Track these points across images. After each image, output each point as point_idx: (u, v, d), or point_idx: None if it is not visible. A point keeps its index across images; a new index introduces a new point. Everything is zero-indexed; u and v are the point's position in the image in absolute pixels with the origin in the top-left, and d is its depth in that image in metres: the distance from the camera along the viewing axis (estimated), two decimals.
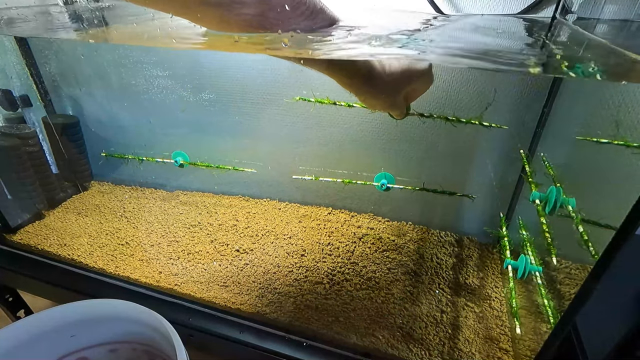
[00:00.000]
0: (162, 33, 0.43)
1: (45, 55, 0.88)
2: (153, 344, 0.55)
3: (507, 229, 0.73)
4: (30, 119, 0.90)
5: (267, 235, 0.82)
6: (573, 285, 0.67)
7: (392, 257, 0.76)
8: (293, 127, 0.83)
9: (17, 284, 0.78)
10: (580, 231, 0.50)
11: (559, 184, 0.55)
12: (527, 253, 0.62)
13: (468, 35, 0.47)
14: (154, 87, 0.85)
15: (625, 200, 0.29)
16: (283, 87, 0.78)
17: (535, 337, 0.57)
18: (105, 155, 0.98)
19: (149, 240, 0.81)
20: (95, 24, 0.53)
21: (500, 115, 0.67)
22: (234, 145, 0.90)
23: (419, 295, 0.68)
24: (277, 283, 0.70)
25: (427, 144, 0.76)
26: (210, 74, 0.81)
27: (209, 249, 0.78)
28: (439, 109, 0.69)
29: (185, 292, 0.68)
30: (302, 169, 0.86)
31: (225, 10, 0.31)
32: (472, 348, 0.58)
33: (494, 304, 0.66)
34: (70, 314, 0.53)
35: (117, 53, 0.84)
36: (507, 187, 0.74)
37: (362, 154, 0.81)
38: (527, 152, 0.68)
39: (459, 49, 0.36)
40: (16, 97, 0.86)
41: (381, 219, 0.88)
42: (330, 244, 0.79)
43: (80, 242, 0.80)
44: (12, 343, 0.50)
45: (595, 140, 0.59)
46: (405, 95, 0.46)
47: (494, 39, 0.45)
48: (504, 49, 0.38)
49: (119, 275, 0.72)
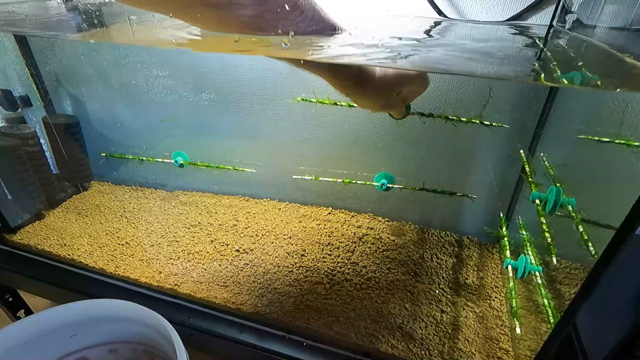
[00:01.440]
0: (161, 32, 0.43)
1: (45, 55, 0.88)
2: (153, 344, 0.55)
3: (507, 229, 0.73)
4: (30, 119, 0.90)
5: (267, 235, 0.82)
6: (573, 285, 0.67)
7: (392, 257, 0.76)
8: (293, 127, 0.83)
9: (17, 284, 0.78)
10: (580, 231, 0.50)
11: (558, 183, 0.55)
12: (527, 253, 0.62)
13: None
14: (154, 86, 0.85)
15: (625, 200, 0.30)
16: (283, 87, 0.78)
17: (535, 337, 0.57)
18: (105, 155, 0.98)
19: (149, 240, 0.81)
20: (95, 22, 0.53)
21: (500, 115, 0.67)
22: (234, 145, 0.90)
23: (419, 295, 0.68)
24: (277, 283, 0.69)
25: (427, 144, 0.76)
26: (210, 74, 0.81)
27: (209, 249, 0.78)
28: (439, 109, 0.69)
29: (185, 292, 0.68)
30: (302, 169, 0.86)
31: (224, 12, 0.31)
32: (472, 348, 0.58)
33: (494, 304, 0.66)
34: (70, 314, 0.53)
35: (117, 53, 0.84)
36: (507, 187, 0.74)
37: (362, 154, 0.81)
38: (527, 152, 0.68)
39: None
40: (16, 97, 0.86)
41: (381, 219, 0.88)
42: (330, 244, 0.79)
43: (80, 242, 0.80)
44: (12, 343, 0.50)
45: (597, 139, 0.59)
46: (403, 97, 0.46)
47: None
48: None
49: (119, 275, 0.72)
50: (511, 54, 0.43)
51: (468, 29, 0.58)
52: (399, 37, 0.45)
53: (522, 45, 0.48)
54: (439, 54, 0.38)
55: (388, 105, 0.47)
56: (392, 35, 0.46)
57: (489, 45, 0.46)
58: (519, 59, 0.41)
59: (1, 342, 0.49)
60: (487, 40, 0.49)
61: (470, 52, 0.40)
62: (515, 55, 0.42)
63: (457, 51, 0.40)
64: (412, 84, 0.44)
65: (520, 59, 0.41)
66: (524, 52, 0.44)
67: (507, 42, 0.51)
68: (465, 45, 0.45)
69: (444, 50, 0.39)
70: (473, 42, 0.47)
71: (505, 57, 0.40)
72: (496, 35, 0.53)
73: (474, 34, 0.54)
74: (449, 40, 0.49)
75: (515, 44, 0.49)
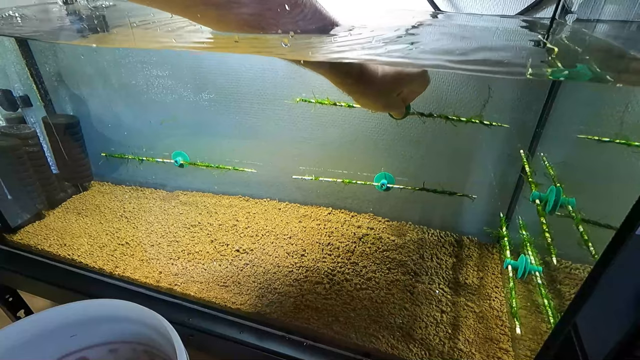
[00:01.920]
0: (162, 32, 0.43)
1: (45, 55, 0.88)
2: (153, 344, 0.55)
3: (507, 229, 0.73)
4: (30, 119, 0.90)
5: (267, 235, 0.82)
6: (573, 285, 0.67)
7: (392, 257, 0.76)
8: (293, 127, 0.83)
9: (17, 284, 0.78)
10: (580, 231, 0.50)
11: (559, 183, 0.55)
12: (527, 253, 0.62)
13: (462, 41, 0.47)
14: (154, 86, 0.85)
15: (625, 200, 0.29)
16: (283, 87, 0.78)
17: (535, 337, 0.57)
18: (105, 155, 0.98)
19: (149, 240, 0.81)
20: (95, 25, 0.53)
21: (500, 115, 0.67)
22: (234, 145, 0.90)
23: (419, 295, 0.68)
24: (277, 283, 0.69)
25: (427, 144, 0.76)
26: (210, 74, 0.81)
27: (209, 249, 0.78)
28: (439, 109, 0.69)
29: (185, 292, 0.68)
30: (302, 169, 0.86)
31: (224, 10, 0.31)
32: (472, 348, 0.58)
33: (494, 304, 0.66)
34: (70, 314, 0.53)
35: (117, 53, 0.84)
36: (507, 187, 0.74)
37: (362, 154, 0.81)
38: (527, 152, 0.68)
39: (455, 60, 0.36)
40: (16, 97, 0.86)
41: (381, 219, 0.88)
42: (330, 244, 0.79)
43: (80, 242, 0.80)
44: (12, 343, 0.50)
45: (597, 139, 0.59)
46: (403, 97, 0.46)
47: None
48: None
49: (119, 275, 0.72)
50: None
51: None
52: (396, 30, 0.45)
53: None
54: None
55: (388, 105, 0.47)
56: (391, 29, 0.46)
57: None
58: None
59: (1, 342, 0.49)
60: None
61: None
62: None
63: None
64: (412, 84, 0.44)
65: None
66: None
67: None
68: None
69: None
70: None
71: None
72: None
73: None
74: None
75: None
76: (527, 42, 0.44)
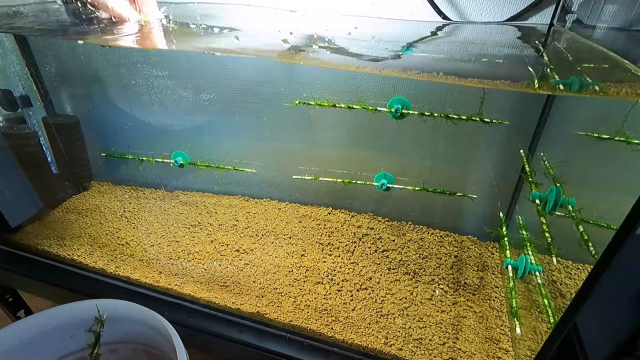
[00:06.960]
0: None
1: (45, 55, 0.88)
2: (153, 344, 0.55)
3: (507, 228, 0.73)
4: (30, 119, 0.90)
5: (267, 235, 0.82)
6: (573, 285, 0.67)
7: (392, 257, 0.76)
8: (293, 127, 0.83)
9: (17, 284, 0.78)
10: (580, 231, 0.50)
11: (558, 183, 0.55)
12: (527, 253, 0.62)
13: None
14: (154, 87, 0.85)
15: (625, 200, 0.29)
16: (283, 87, 0.78)
17: (535, 337, 0.57)
18: (105, 155, 0.98)
19: (149, 240, 0.81)
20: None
21: (500, 115, 0.67)
22: (234, 145, 0.90)
23: (419, 295, 0.68)
24: (277, 283, 0.69)
25: (427, 144, 0.76)
26: (210, 74, 0.81)
27: (209, 249, 0.78)
28: (439, 109, 0.69)
29: (185, 292, 0.68)
30: (302, 169, 0.86)
31: None
32: (472, 348, 0.58)
33: (494, 304, 0.66)
34: (70, 314, 0.53)
35: (117, 53, 0.83)
36: (507, 187, 0.74)
37: (362, 154, 0.81)
38: (527, 152, 0.68)
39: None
40: (16, 97, 0.86)
41: (381, 219, 0.88)
42: (330, 244, 0.79)
43: (80, 242, 0.80)
44: (12, 343, 0.50)
45: (596, 136, 0.59)
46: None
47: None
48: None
49: (119, 275, 0.72)
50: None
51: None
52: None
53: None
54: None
55: None
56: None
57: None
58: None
59: (1, 342, 0.49)
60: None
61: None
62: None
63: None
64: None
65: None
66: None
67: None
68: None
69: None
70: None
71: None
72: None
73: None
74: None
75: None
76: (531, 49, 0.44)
